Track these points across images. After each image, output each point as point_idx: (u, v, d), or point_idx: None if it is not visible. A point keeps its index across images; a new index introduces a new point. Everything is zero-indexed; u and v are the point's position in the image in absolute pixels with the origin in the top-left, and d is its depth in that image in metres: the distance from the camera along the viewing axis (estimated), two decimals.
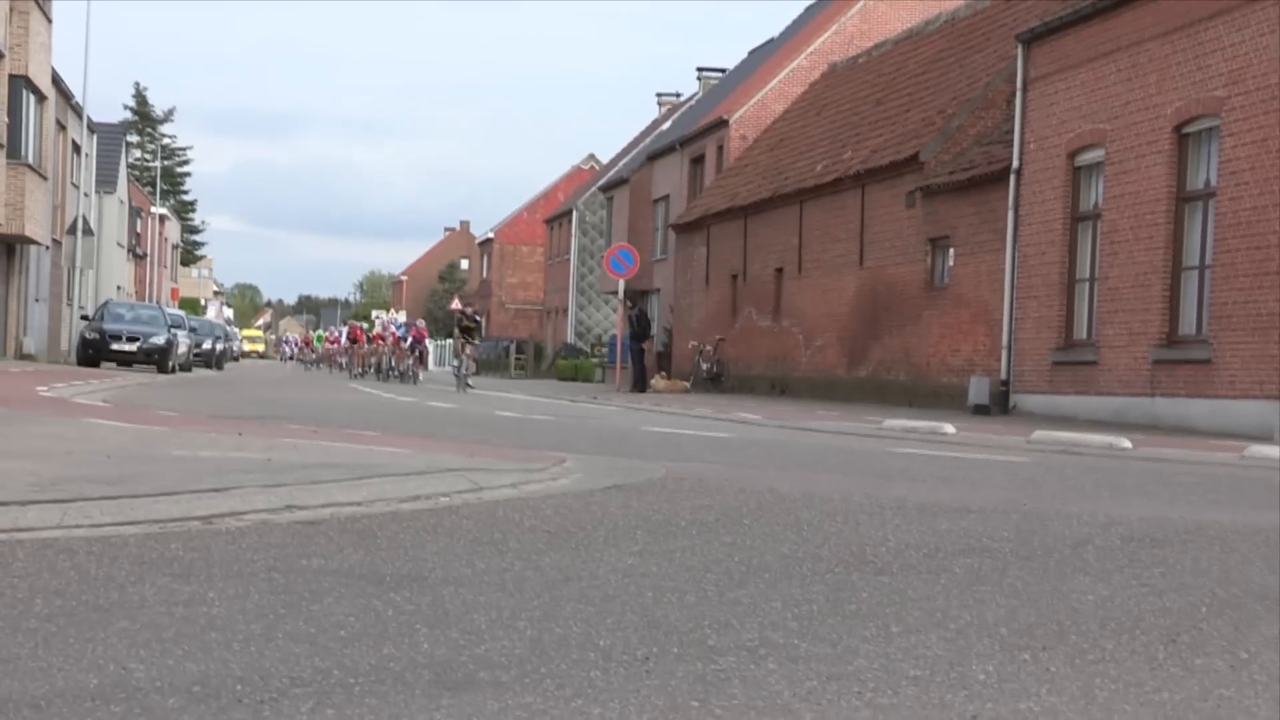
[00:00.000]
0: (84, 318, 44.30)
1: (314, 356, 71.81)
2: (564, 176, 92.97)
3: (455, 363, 36.12)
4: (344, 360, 58.36)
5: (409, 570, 5.17)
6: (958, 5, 40.24)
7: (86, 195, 52.87)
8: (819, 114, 42.39)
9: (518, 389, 38.51)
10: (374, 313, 66.97)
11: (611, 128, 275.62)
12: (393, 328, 48.20)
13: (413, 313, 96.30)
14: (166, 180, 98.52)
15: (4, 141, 36.30)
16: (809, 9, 55.99)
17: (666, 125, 64.80)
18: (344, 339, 59.44)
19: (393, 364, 46.21)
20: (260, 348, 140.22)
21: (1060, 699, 3.55)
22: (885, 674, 3.74)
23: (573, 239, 73.13)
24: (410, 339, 45.16)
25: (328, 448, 9.93)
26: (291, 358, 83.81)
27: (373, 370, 49.84)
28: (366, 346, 51.95)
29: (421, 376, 45.05)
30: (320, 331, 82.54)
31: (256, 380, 40.02)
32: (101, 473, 7.38)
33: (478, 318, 37.67)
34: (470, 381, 35.48)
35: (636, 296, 47.70)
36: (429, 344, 50.85)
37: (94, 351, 39.36)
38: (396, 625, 4.16)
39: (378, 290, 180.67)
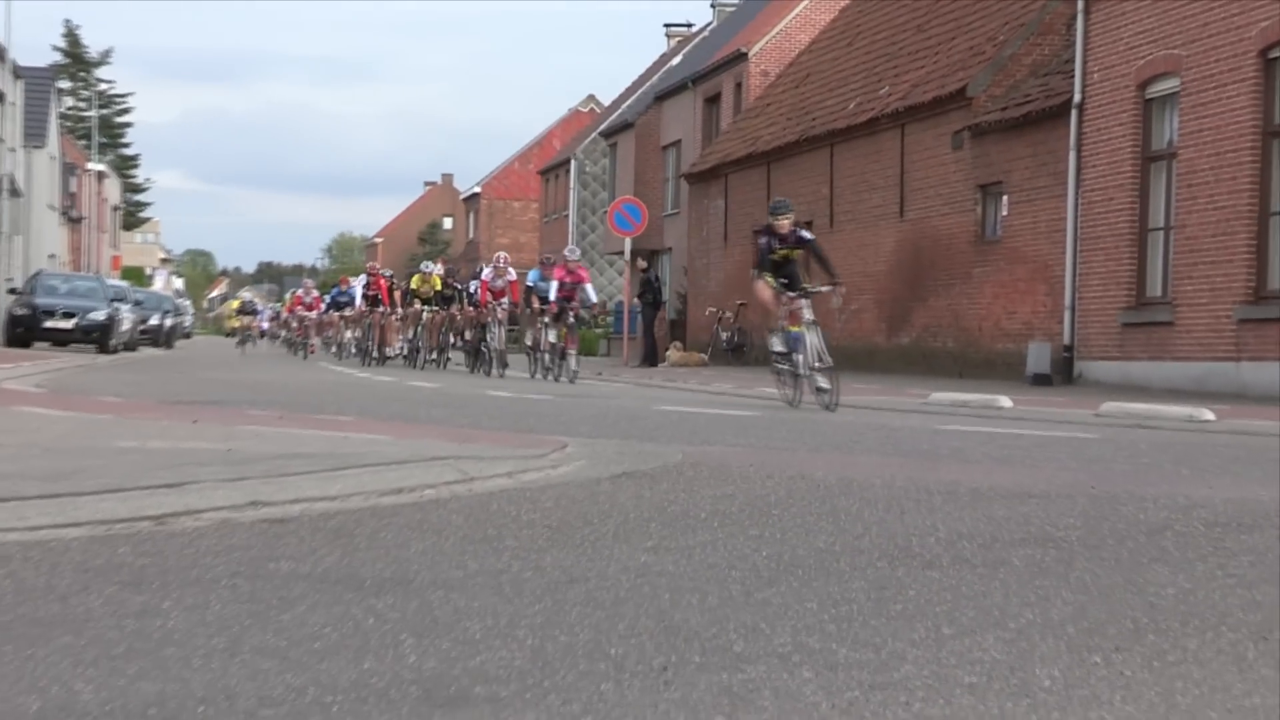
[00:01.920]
0: (12, 291, 44.34)
1: (293, 334, 53.67)
2: (560, 122, 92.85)
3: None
4: (331, 334, 46.04)
5: (392, 573, 5.19)
6: None
7: (12, 150, 52.81)
8: (851, 45, 42.31)
9: (511, 364, 37.63)
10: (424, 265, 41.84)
11: (613, 65, 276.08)
12: (512, 271, 33.04)
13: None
14: (104, 132, 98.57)
15: None
16: None
17: (676, 61, 64.68)
18: (357, 300, 40.20)
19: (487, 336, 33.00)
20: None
21: (1136, 706, 3.56)
22: (936, 681, 3.76)
23: (571, 193, 73.06)
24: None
25: (297, 435, 9.96)
26: (264, 335, 69.14)
27: (437, 350, 36.18)
28: (422, 310, 36.44)
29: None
30: (302, 292, 57.50)
31: (212, 360, 40.09)
32: (38, 468, 7.41)
33: (802, 234, 18.88)
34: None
35: (647, 257, 47.68)
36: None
37: (24, 330, 39.50)
38: (379, 635, 4.18)
39: (349, 254, 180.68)
